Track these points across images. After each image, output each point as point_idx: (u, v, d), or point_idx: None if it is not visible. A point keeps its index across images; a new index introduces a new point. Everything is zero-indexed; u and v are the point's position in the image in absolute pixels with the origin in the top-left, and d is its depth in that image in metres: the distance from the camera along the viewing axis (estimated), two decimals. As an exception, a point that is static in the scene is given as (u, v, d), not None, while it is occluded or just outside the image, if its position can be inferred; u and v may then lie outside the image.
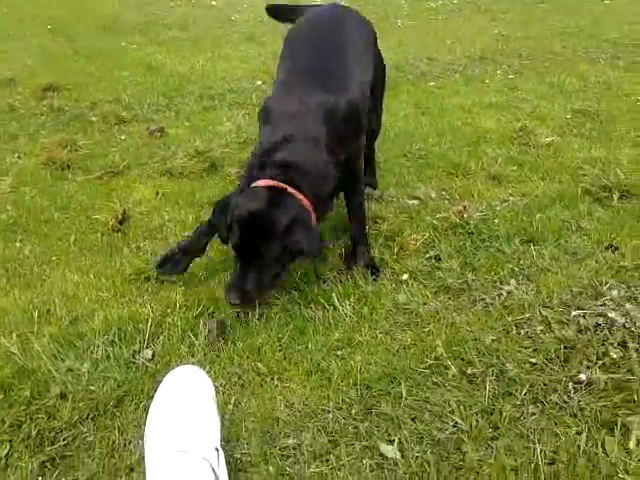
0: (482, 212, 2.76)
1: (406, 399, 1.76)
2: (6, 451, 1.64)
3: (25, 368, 1.88)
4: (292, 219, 2.02)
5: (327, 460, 1.58)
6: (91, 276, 2.36)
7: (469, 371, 1.85)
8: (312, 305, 2.20)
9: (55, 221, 2.81)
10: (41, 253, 2.55)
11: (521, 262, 2.39)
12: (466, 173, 3.25)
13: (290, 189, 2.07)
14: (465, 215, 2.67)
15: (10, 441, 1.66)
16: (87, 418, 1.73)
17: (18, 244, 2.62)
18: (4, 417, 1.71)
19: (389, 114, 4.24)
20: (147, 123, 4.04)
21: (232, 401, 1.78)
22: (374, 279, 2.33)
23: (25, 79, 5.05)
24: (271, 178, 2.09)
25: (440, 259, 2.43)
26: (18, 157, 3.54)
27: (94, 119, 4.11)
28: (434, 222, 2.67)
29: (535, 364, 1.87)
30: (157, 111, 4.33)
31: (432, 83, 5.05)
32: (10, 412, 1.72)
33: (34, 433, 1.68)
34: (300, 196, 2.08)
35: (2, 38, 6.71)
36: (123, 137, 3.83)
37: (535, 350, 1.93)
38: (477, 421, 1.66)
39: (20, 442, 1.66)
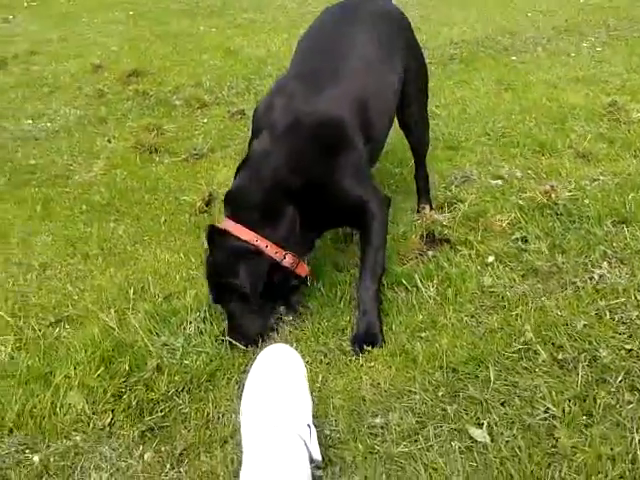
0: (571, 192, 2.65)
1: (494, 383, 1.73)
2: (109, 419, 1.74)
3: (123, 342, 1.99)
4: (227, 260, 1.94)
5: (415, 440, 1.58)
6: (181, 255, 2.46)
7: (560, 356, 1.80)
8: (395, 286, 2.20)
9: (145, 202, 2.94)
10: (134, 233, 2.68)
11: (614, 244, 2.28)
12: (553, 151, 3.13)
13: (231, 227, 1.96)
14: (553, 195, 2.58)
15: (112, 410, 1.77)
16: (182, 391, 1.81)
17: (112, 224, 2.77)
18: (106, 388, 1.82)
19: (469, 90, 4.17)
20: (228, 106, 4.13)
21: (319, 379, 1.82)
22: (362, 350, 1.92)
23: (111, 65, 5.26)
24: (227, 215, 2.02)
25: (527, 241, 2.36)
26: (108, 141, 3.72)
27: (177, 103, 4.25)
28: (520, 202, 2.59)
29: (631, 350, 1.79)
30: (237, 94, 4.41)
31: (514, 58, 4.87)
32: (111, 383, 1.83)
33: (134, 403, 1.77)
34: (242, 233, 1.94)
35: (88, 25, 7.00)
36: (205, 120, 3.94)
37: (630, 336, 1.85)
38: (570, 407, 1.62)
39: (121, 412, 1.76)
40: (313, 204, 2.00)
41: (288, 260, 1.99)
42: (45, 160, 3.55)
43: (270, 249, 1.96)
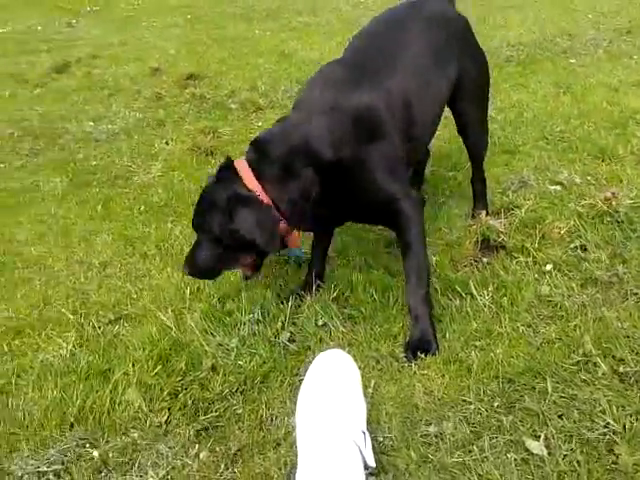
0: (632, 199, 2.56)
1: (552, 395, 1.69)
2: (165, 417, 1.78)
3: (180, 341, 2.03)
4: (229, 198, 1.94)
5: (470, 451, 1.56)
6: (236, 257, 2.48)
7: (621, 370, 1.74)
8: (449, 293, 2.17)
9: (201, 204, 2.99)
10: (190, 234, 2.70)
11: (679, 255, 2.21)
12: (613, 157, 3.04)
13: (241, 167, 1.98)
14: (614, 202, 2.50)
15: (169, 409, 1.80)
16: (236, 391, 1.84)
17: (169, 225, 2.83)
18: (163, 386, 1.86)
19: (526, 94, 4.09)
20: (282, 110, 4.16)
21: (371, 385, 1.81)
22: (415, 357, 1.91)
23: (169, 68, 5.39)
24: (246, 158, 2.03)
25: (586, 249, 2.30)
26: (166, 143, 3.81)
27: (233, 106, 4.33)
28: (579, 209, 2.53)
29: (697, 366, 1.73)
30: (290, 98, 4.43)
31: (573, 60, 4.76)
32: (168, 382, 1.87)
33: (189, 402, 1.81)
34: (250, 180, 1.96)
35: (147, 28, 7.19)
36: (260, 124, 3.99)
37: (697, 351, 1.78)
38: (631, 423, 1.57)
39: (177, 410, 1.79)
40: (338, 187, 1.99)
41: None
42: (105, 161, 3.67)
43: (269, 207, 1.97)
